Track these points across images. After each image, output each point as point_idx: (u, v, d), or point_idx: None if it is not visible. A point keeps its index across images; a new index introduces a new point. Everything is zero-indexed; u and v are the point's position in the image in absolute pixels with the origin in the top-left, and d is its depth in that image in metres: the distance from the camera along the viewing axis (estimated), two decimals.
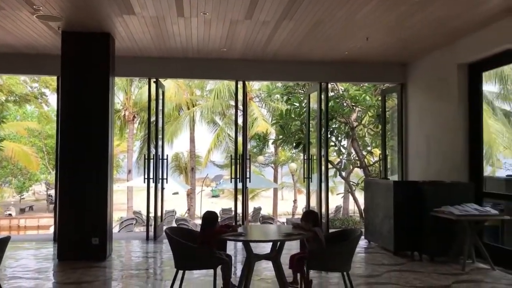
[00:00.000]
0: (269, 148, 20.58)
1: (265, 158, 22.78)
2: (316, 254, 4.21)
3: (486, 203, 6.69)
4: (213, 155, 22.37)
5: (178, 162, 26.08)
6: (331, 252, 4.19)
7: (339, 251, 4.17)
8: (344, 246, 4.19)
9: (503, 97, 18.78)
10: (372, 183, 7.85)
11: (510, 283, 5.33)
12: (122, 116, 20.92)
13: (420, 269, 5.97)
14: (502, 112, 18.49)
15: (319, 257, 4.18)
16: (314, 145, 9.27)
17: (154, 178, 8.41)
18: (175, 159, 26.51)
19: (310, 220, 4.45)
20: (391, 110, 10.06)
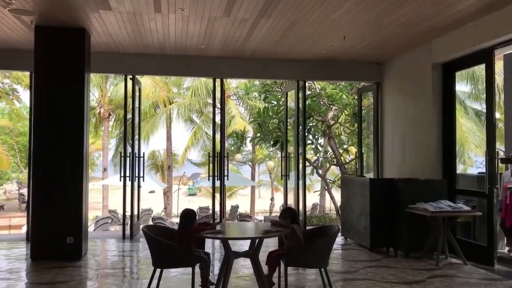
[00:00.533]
0: (247, 146, 20.62)
1: (243, 156, 22.77)
2: (294, 251, 4.23)
3: (458, 199, 6.86)
4: (190, 153, 22.22)
5: (155, 160, 25.82)
6: (308, 248, 4.22)
7: (316, 248, 4.21)
8: (322, 242, 4.22)
9: (474, 96, 19.29)
10: (349, 180, 7.95)
11: (481, 277, 5.48)
12: (97, 113, 20.56)
13: (395, 265, 6.08)
14: (473, 112, 19.00)
15: (297, 254, 4.20)
16: (291, 143, 9.31)
17: (130, 176, 8.32)
18: (151, 157, 26.23)
19: (288, 217, 4.47)
20: (367, 108, 10.20)
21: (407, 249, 6.63)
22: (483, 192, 6.26)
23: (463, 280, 5.35)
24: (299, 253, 4.20)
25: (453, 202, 6.62)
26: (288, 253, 4.24)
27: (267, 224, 4.70)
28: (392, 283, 5.17)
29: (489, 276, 5.57)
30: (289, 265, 4.24)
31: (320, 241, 4.21)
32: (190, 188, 35.52)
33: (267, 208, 24.70)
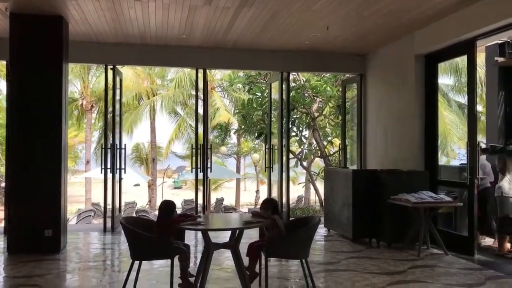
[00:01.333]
0: (232, 138, 20.52)
1: (228, 149, 22.68)
2: (274, 242, 4.19)
3: (440, 190, 6.89)
4: (174, 146, 22.04)
5: (139, 153, 25.57)
6: (289, 239, 4.18)
7: (297, 239, 4.17)
8: (303, 233, 4.19)
9: (457, 89, 19.47)
10: (332, 172, 7.94)
11: (461, 267, 5.52)
12: (80, 105, 20.22)
13: (377, 256, 6.09)
14: (456, 104, 19.18)
15: (278, 245, 4.16)
16: (275, 135, 9.26)
17: (111, 168, 8.20)
18: (135, 150, 25.98)
19: (269, 208, 4.42)
20: (351, 100, 10.19)
21: (389, 240, 6.65)
22: (464, 183, 6.30)
23: (444, 270, 5.38)
24: (279, 244, 4.16)
25: (435, 193, 6.66)
26: (269, 244, 4.19)
27: (249, 215, 4.65)
28: (373, 274, 5.17)
29: (469, 265, 5.61)
30: (269, 256, 4.20)
31: (301, 232, 4.17)
32: (175, 181, 35.33)
33: (252, 201, 24.68)
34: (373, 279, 4.96)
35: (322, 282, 4.88)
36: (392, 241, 6.63)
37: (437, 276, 5.10)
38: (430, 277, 5.08)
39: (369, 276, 5.08)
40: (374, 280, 4.92)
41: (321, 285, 4.71)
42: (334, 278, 5.03)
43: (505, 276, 5.15)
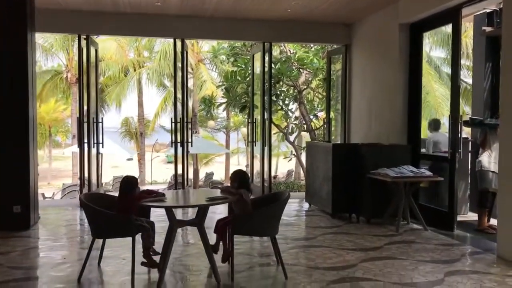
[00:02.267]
0: (221, 112, 20.23)
1: (217, 123, 22.39)
2: (240, 218, 4.01)
3: (423, 165, 6.73)
4: (162, 119, 21.72)
5: (128, 127, 25.26)
6: (255, 216, 4.01)
7: (264, 215, 3.99)
8: (269, 209, 4.01)
9: (449, 62, 19.13)
10: (313, 146, 7.74)
11: (439, 243, 5.40)
12: (65, 78, 19.75)
13: (355, 231, 5.96)
14: (448, 77, 18.89)
15: (243, 222, 3.98)
16: (259, 109, 9.02)
17: (88, 142, 7.98)
18: (125, 124, 25.67)
19: (236, 181, 4.23)
20: (337, 73, 9.92)
21: (369, 215, 6.51)
22: (445, 157, 6.13)
23: (420, 246, 5.25)
24: (245, 221, 3.98)
25: (417, 167, 6.50)
26: (234, 221, 4.02)
27: (217, 191, 4.45)
28: (348, 250, 5.04)
29: (447, 241, 5.49)
30: (235, 234, 4.02)
31: (268, 208, 3.98)
32: (168, 156, 35.17)
33: None
34: (347, 256, 4.82)
35: (293, 258, 4.73)
36: (372, 217, 6.50)
37: (412, 253, 4.97)
38: (406, 253, 4.95)
39: (343, 253, 4.94)
40: (347, 257, 4.78)
41: (290, 262, 4.56)
42: (306, 255, 4.89)
43: (482, 252, 5.03)
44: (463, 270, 4.40)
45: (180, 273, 4.30)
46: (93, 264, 4.46)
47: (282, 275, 4.12)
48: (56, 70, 20.32)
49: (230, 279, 4.03)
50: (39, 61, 24.25)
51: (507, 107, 4.84)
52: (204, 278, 4.18)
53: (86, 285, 4.03)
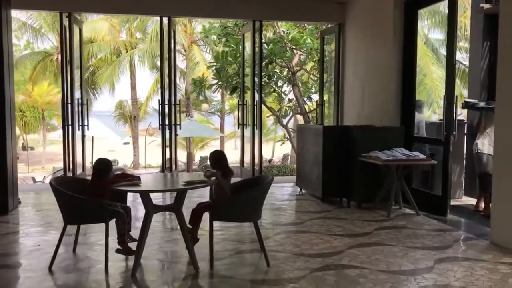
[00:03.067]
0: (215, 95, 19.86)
1: (211, 106, 22.07)
2: (218, 203, 3.79)
3: (422, 148, 6.51)
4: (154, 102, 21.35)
5: (122, 110, 24.92)
6: (236, 201, 3.79)
7: (244, 200, 3.77)
8: (250, 194, 3.78)
9: None
10: (303, 128, 7.51)
11: (431, 228, 5.20)
12: (55, 60, 19.33)
13: (345, 216, 5.77)
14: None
15: (222, 207, 3.76)
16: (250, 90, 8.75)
17: (72, 125, 7.75)
18: (119, 107, 25.34)
19: (212, 164, 4.01)
20: (331, 53, 9.63)
21: (359, 200, 6.31)
22: (440, 139, 5.91)
23: (411, 232, 5.06)
24: (224, 206, 3.77)
25: (410, 150, 6.29)
26: (213, 206, 3.80)
27: (199, 174, 4.23)
28: (335, 236, 4.84)
29: (440, 226, 5.30)
30: (214, 220, 3.81)
31: (248, 192, 3.76)
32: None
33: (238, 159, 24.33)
34: (334, 242, 4.63)
35: (279, 245, 4.54)
36: (363, 201, 6.30)
37: (403, 239, 4.77)
38: (395, 239, 4.76)
39: (330, 239, 4.75)
40: (334, 243, 4.59)
41: (275, 248, 4.37)
42: (292, 241, 4.69)
43: (474, 238, 4.84)
44: (455, 257, 4.21)
45: (159, 260, 4.11)
46: (69, 251, 4.28)
47: (265, 262, 3.92)
48: (47, 52, 19.90)
49: (210, 266, 3.84)
50: (31, 43, 23.82)
51: (503, 90, 4.60)
52: (182, 266, 3.99)
53: (57, 273, 3.83)
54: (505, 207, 4.54)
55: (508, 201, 4.49)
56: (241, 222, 4.57)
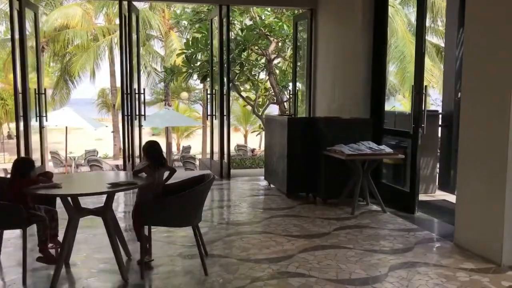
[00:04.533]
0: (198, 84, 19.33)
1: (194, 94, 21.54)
2: (146, 206, 3.42)
3: (389, 140, 6.17)
4: None
5: (105, 98, 24.35)
6: (167, 202, 3.41)
7: (178, 202, 3.40)
8: (184, 196, 3.41)
9: (434, 31, 18.44)
10: (270, 120, 7.13)
11: (395, 228, 4.88)
12: (29, 46, 18.61)
13: (307, 214, 5.43)
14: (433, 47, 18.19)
15: (150, 209, 3.39)
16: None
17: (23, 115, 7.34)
18: (101, 95, 24.77)
19: (145, 156, 3.65)
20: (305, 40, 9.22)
21: (325, 195, 5.98)
22: (407, 132, 5.56)
23: (373, 232, 4.74)
24: (151, 209, 3.39)
25: (379, 143, 5.96)
26: (139, 208, 3.43)
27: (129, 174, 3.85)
28: (290, 237, 4.50)
29: (405, 226, 4.97)
30: (144, 224, 3.45)
31: (182, 195, 3.38)
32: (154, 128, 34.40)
33: None
34: (287, 244, 4.29)
35: (226, 248, 4.19)
36: (328, 197, 5.97)
37: (362, 240, 4.44)
38: (354, 240, 4.43)
39: (284, 241, 4.41)
40: (287, 246, 4.25)
41: (221, 253, 4.03)
42: (242, 243, 4.34)
43: (439, 239, 4.53)
44: (412, 262, 3.88)
45: (88, 269, 3.73)
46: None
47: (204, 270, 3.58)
48: None
49: (140, 276, 3.48)
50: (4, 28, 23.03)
51: (469, 83, 4.24)
52: (112, 276, 3.62)
53: None
54: (469, 207, 4.22)
55: (472, 201, 4.17)
56: (175, 226, 4.18)
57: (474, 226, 4.13)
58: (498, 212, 3.82)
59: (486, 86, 3.99)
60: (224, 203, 6.29)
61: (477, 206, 4.10)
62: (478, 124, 4.09)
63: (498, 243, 3.81)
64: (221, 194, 6.84)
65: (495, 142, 3.86)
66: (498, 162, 3.80)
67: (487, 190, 3.96)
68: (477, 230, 4.09)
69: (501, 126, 3.77)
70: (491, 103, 3.92)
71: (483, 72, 4.04)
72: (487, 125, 3.97)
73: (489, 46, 3.96)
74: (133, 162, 7.67)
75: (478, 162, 4.08)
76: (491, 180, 3.90)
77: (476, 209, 4.12)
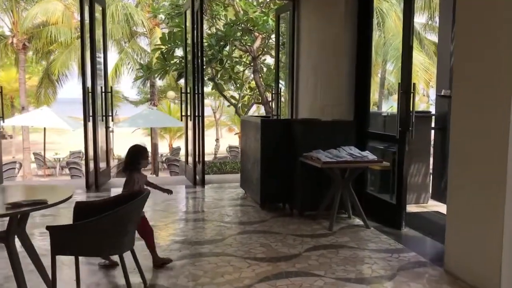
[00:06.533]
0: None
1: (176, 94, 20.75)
2: (56, 231, 2.75)
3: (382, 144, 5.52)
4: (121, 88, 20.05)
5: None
6: (81, 228, 2.74)
7: (95, 228, 2.73)
8: (104, 220, 2.73)
9: (431, 28, 17.81)
10: (246, 121, 6.46)
11: (377, 248, 4.21)
12: (10, 44, 17.95)
13: (279, 229, 4.76)
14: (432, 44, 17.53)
15: (62, 236, 2.72)
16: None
17: None
18: None
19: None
20: None
21: (302, 207, 5.32)
22: (393, 136, 4.89)
23: (350, 254, 4.06)
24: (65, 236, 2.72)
25: (364, 147, 5.30)
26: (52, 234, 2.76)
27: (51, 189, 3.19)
28: (253, 261, 3.83)
29: (389, 245, 4.31)
30: (57, 254, 2.78)
31: (96, 220, 2.71)
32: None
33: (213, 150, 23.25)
34: (246, 271, 3.63)
35: (173, 276, 3.51)
36: (306, 208, 5.31)
37: (336, 265, 3.78)
38: (326, 265, 3.76)
39: (244, 265, 3.74)
40: (246, 273, 3.59)
41: (164, 283, 3.36)
42: (193, 269, 3.66)
43: (427, 263, 3.85)
44: None
45: None
46: None
47: None
48: (1, 35, 18.59)
49: None
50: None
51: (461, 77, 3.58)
52: None
53: None
54: (461, 226, 3.56)
55: (464, 218, 3.51)
56: (96, 256, 3.44)
57: (467, 250, 3.46)
58: (495, 232, 3.15)
59: (482, 82, 3.32)
60: (189, 215, 5.62)
61: (471, 224, 3.44)
62: (472, 125, 3.43)
63: (495, 272, 3.14)
64: (188, 205, 6.19)
65: (492, 148, 3.19)
66: (495, 171, 3.14)
67: (483, 204, 3.29)
68: (470, 255, 3.43)
69: (499, 129, 3.10)
70: (488, 101, 3.26)
71: (478, 67, 3.37)
72: (482, 127, 3.30)
73: (486, 35, 3.30)
74: (97, 167, 6.99)
75: (472, 171, 3.42)
76: (487, 193, 3.24)
77: (469, 228, 3.46)
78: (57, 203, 2.79)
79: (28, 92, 29.10)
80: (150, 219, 5.19)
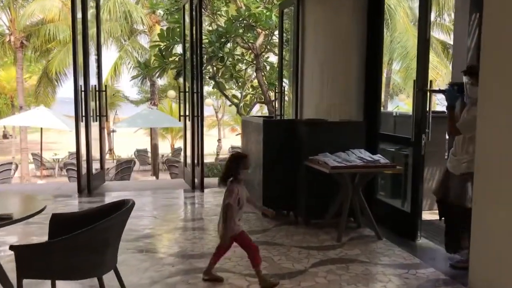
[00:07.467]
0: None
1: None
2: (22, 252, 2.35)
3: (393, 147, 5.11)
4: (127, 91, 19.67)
5: None
6: (49, 249, 2.35)
7: (66, 247, 2.33)
8: (82, 236, 2.34)
9: (440, 26, 17.36)
10: (247, 122, 6.06)
11: (389, 263, 3.80)
12: (7, 42, 17.61)
13: (282, 240, 4.37)
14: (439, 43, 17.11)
15: (30, 256, 2.33)
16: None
17: None
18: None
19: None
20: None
21: (307, 215, 4.92)
22: (408, 138, 4.47)
23: (363, 269, 3.66)
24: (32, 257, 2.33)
25: (375, 150, 4.89)
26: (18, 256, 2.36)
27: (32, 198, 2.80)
28: (253, 278, 3.42)
29: (404, 259, 3.90)
30: (25, 278, 2.38)
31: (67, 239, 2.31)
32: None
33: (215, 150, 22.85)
34: None
35: None
36: (312, 217, 4.91)
37: (346, 283, 3.37)
38: (337, 283, 3.36)
39: (243, 284, 3.37)
40: None
41: None
42: None
43: (447, 282, 3.44)
44: None
45: None
46: None
47: None
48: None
49: None
50: None
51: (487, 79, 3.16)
52: None
53: None
54: (489, 241, 3.14)
55: (493, 231, 3.09)
56: (70, 279, 3.01)
57: (495, 266, 3.05)
58: None
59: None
60: (186, 224, 5.22)
61: (501, 239, 3.02)
62: (501, 128, 3.01)
63: None
64: (186, 212, 5.80)
65: None
66: None
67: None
68: (499, 272, 3.01)
69: None
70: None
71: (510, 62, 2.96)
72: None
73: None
74: (89, 170, 6.61)
75: (500, 180, 3.00)
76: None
77: (499, 243, 3.04)
78: (24, 218, 2.39)
79: (30, 92, 28.87)
80: (144, 227, 4.84)
